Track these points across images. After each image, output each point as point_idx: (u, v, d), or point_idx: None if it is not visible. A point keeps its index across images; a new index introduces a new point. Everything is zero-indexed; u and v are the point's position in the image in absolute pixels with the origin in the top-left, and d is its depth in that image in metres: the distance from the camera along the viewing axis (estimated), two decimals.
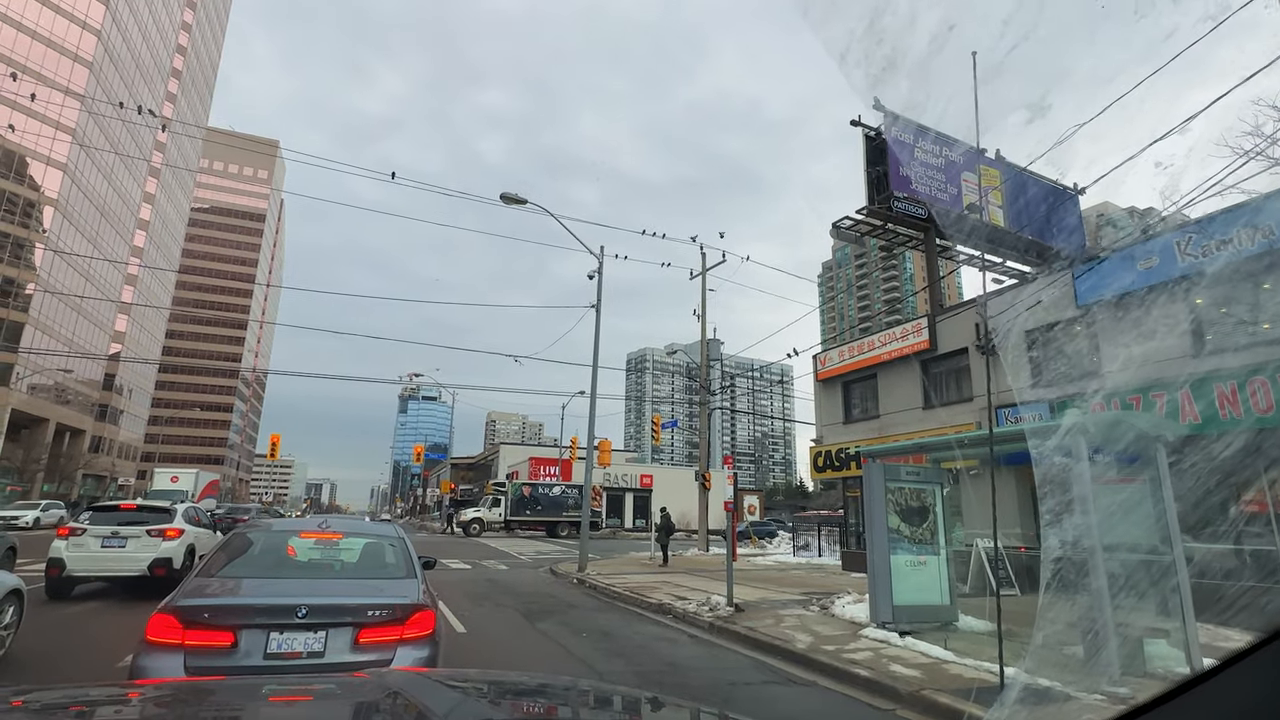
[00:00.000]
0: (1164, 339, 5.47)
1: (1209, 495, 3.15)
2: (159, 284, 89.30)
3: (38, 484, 55.95)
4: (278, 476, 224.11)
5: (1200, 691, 0.88)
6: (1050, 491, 2.91)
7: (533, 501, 39.15)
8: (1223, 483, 3.07)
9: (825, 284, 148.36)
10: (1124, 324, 8.83)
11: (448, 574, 16.11)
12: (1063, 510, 2.98)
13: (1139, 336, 4.43)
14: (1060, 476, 3.18)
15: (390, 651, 4.09)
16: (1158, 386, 10.70)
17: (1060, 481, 3.14)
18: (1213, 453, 2.97)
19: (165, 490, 41.17)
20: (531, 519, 38.94)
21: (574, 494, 39.35)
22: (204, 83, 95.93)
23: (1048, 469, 3.01)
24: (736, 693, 6.51)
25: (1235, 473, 3.10)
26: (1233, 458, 3.04)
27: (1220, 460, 2.93)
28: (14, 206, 55.88)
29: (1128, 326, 7.99)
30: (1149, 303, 10.29)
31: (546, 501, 39.52)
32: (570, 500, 39.27)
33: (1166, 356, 9.14)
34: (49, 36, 59.39)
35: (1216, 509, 5.66)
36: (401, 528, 6.14)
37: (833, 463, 20.71)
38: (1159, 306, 9.91)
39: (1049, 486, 2.91)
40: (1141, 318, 8.23)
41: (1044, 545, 3.00)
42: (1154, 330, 5.73)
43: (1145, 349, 3.72)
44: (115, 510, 11.70)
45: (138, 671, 3.76)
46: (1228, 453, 3.03)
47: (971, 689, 6.00)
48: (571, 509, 38.53)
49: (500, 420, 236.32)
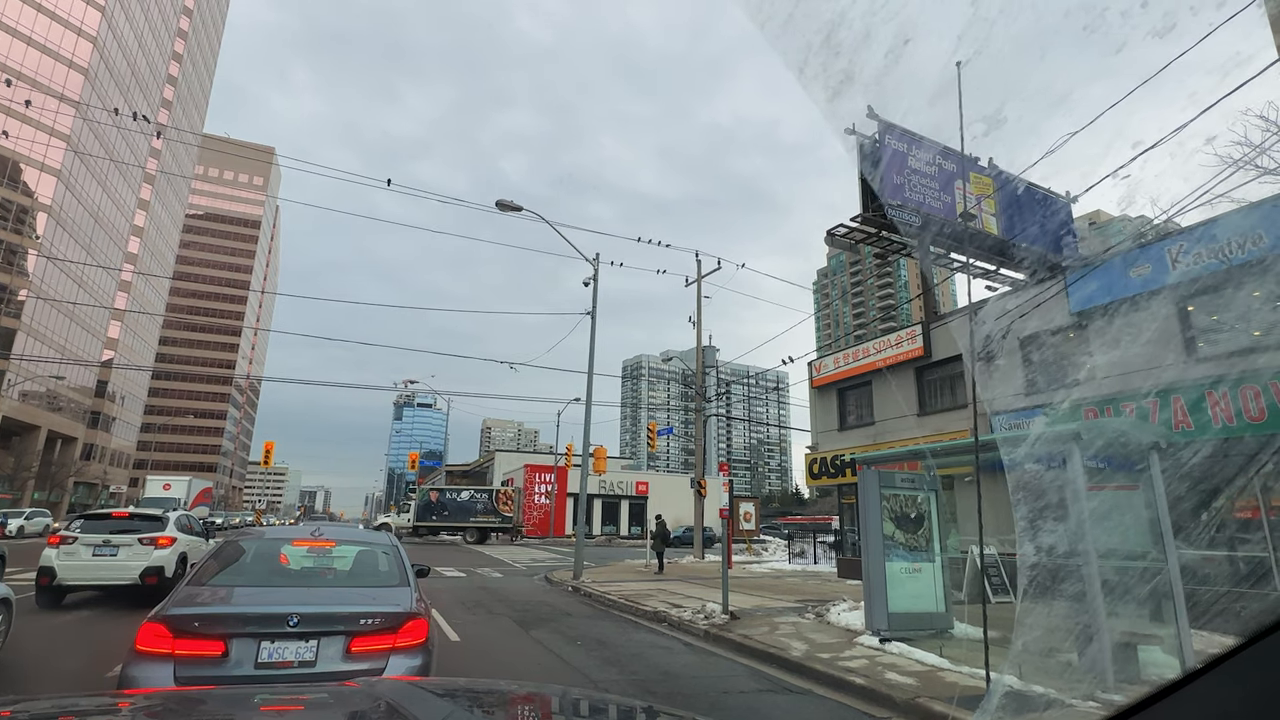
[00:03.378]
0: (1156, 346, 5.51)
1: (1202, 501, 3.16)
2: (153, 290, 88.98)
3: (29, 491, 55.49)
4: (271, 484, 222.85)
5: (1185, 693, 0.89)
6: (1025, 497, 2.92)
7: (439, 507, 39.90)
8: (1215, 489, 3.08)
9: (820, 291, 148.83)
10: (1116, 331, 8.89)
11: (442, 582, 16.03)
12: (1038, 516, 2.99)
13: (1129, 343, 4.47)
14: (1036, 483, 3.19)
15: (383, 660, 4.07)
16: (1150, 393, 10.76)
17: (1037, 488, 3.15)
18: (1205, 459, 2.99)
19: (157, 498, 40.94)
20: (438, 524, 39.57)
21: (483, 498, 40.45)
22: (200, 90, 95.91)
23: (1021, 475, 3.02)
24: (731, 701, 6.49)
25: (1227, 479, 3.12)
26: (1225, 464, 3.06)
27: (1212, 467, 2.95)
28: (7, 212, 55.65)
29: (1120, 334, 8.04)
30: (1141, 310, 10.36)
31: (454, 507, 40.12)
32: (479, 505, 40.10)
33: (1159, 363, 9.20)
34: (44, 43, 59.36)
35: (1209, 515, 5.68)
36: (395, 535, 6.12)
37: (828, 469, 20.72)
38: (1151, 314, 9.99)
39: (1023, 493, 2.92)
40: (1133, 325, 8.29)
41: (1020, 553, 3.00)
42: (1146, 337, 5.79)
43: (1137, 356, 3.75)
44: (107, 518, 11.59)
45: (126, 681, 3.72)
46: (1220, 459, 3.05)
47: (967, 697, 6.00)
48: (480, 514, 39.62)
49: (496, 427, 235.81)
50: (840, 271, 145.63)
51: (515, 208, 18.61)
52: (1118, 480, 6.59)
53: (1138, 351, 3.78)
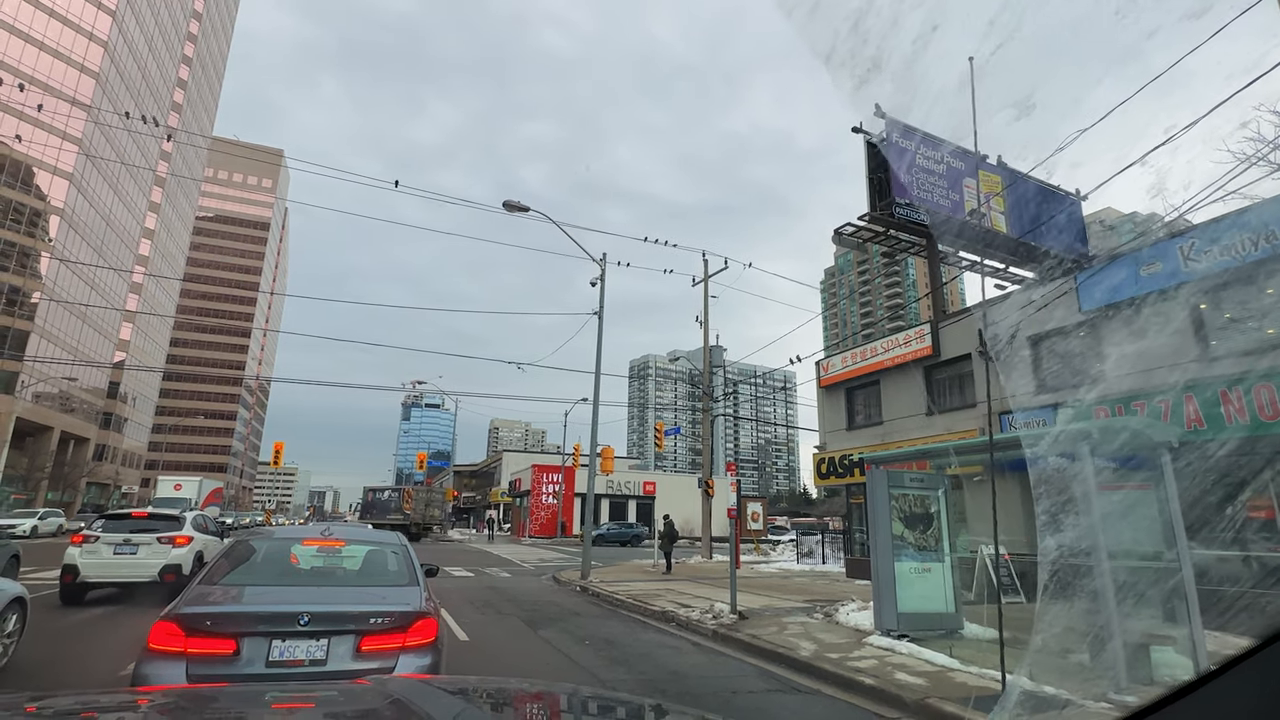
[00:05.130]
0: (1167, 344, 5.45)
1: (1214, 500, 3.13)
2: (163, 292, 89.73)
3: (42, 492, 56.07)
4: (281, 484, 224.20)
5: (1200, 695, 0.88)
6: (1045, 494, 2.90)
7: (372, 506, 45.73)
8: (1228, 488, 3.05)
9: (828, 290, 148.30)
10: (1127, 329, 8.80)
11: (450, 581, 16.08)
12: (1059, 513, 2.97)
13: (1142, 341, 4.42)
14: (1057, 480, 3.17)
15: (393, 659, 4.09)
16: (1162, 392, 10.67)
17: (1057, 485, 3.13)
18: (1218, 458, 2.96)
19: (169, 498, 41.35)
20: (370, 520, 42.86)
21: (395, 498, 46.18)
22: (209, 93, 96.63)
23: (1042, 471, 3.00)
24: (740, 701, 6.48)
25: (1240, 478, 3.09)
26: (1238, 463, 3.03)
27: (1225, 465, 2.92)
28: (21, 216, 56.26)
29: (1131, 332, 7.97)
30: (1152, 308, 10.27)
31: (380, 506, 45.34)
32: (391, 505, 45.31)
33: (1170, 361, 9.12)
34: (56, 47, 59.96)
35: (1222, 514, 5.63)
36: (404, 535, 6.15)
37: (836, 469, 20.65)
38: (1162, 312, 9.90)
39: (1044, 488, 2.90)
40: (1145, 323, 8.21)
41: (1041, 549, 2.98)
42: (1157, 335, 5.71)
43: (1148, 354, 3.72)
44: (127, 518, 11.97)
45: (140, 679, 3.74)
46: (1233, 458, 3.02)
47: (977, 697, 5.96)
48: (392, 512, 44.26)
49: (503, 427, 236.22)
50: (848, 271, 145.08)
51: (522, 208, 18.65)
52: (1130, 480, 6.54)
53: (1150, 349, 3.74)
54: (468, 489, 77.65)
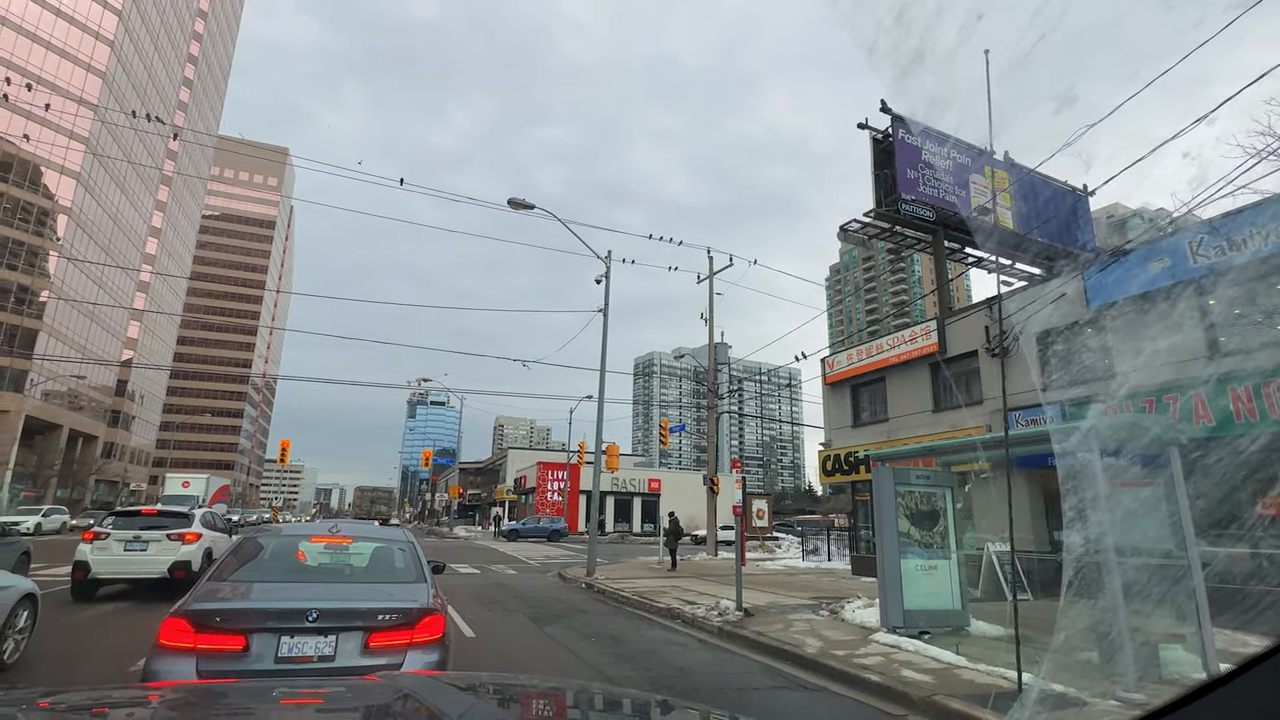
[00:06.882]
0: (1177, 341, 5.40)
1: (1224, 498, 3.11)
2: (170, 291, 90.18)
3: (51, 489, 56.48)
4: (287, 481, 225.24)
5: (1215, 697, 0.87)
6: (1071, 490, 2.88)
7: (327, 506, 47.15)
8: (1238, 485, 3.03)
9: (833, 287, 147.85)
10: (1137, 326, 8.75)
11: (456, 578, 16.13)
12: (1085, 509, 2.95)
13: (1152, 338, 4.39)
14: (1082, 476, 3.15)
15: (400, 655, 4.10)
16: (1171, 389, 10.60)
17: (1080, 481, 3.11)
18: (1228, 455, 2.94)
19: (176, 495, 41.53)
20: None
21: None
22: (215, 92, 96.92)
23: (1069, 468, 2.98)
24: (746, 698, 6.48)
25: (1251, 475, 3.06)
26: (1248, 460, 3.00)
27: (1236, 463, 2.89)
28: (29, 215, 56.61)
29: (1140, 328, 7.91)
30: (1161, 304, 10.20)
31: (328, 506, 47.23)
32: None
33: (1180, 358, 9.05)
34: (63, 47, 60.24)
35: (1232, 512, 5.58)
36: (410, 532, 6.17)
37: (841, 466, 20.61)
38: (1171, 308, 9.83)
39: (1072, 483, 2.88)
40: (1154, 320, 8.16)
41: (1066, 545, 2.96)
42: (1167, 332, 5.68)
43: (1158, 351, 3.68)
44: (137, 515, 12.04)
45: (150, 675, 3.77)
46: (1243, 456, 2.99)
47: (984, 695, 5.94)
48: None
49: (509, 425, 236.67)
50: (853, 267, 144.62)
51: (527, 205, 18.65)
52: (1137, 477, 6.50)
53: (1160, 345, 3.71)
54: (473, 486, 77.88)
